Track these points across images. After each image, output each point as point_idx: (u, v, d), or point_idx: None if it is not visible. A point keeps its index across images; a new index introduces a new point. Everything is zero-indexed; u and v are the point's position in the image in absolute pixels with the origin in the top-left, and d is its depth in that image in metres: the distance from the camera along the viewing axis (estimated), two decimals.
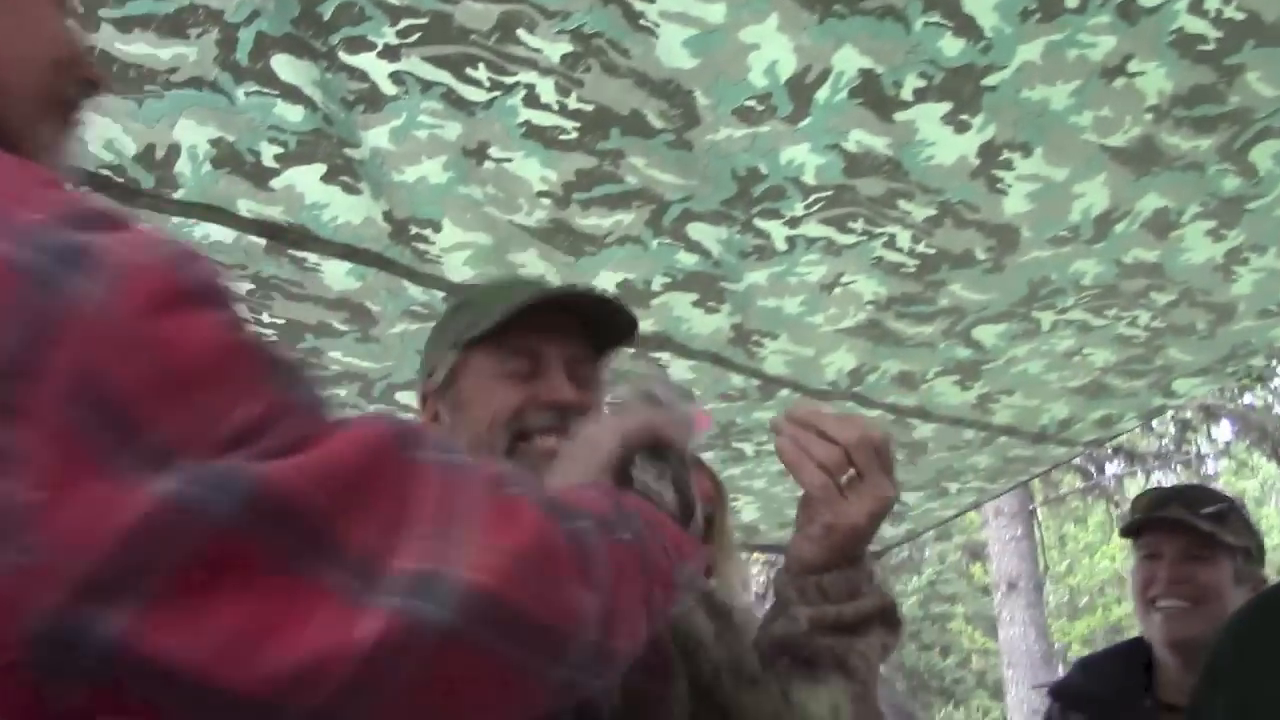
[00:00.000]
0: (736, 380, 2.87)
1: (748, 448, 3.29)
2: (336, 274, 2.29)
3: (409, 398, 2.81)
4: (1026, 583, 10.56)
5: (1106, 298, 2.66)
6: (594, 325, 1.45)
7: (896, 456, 3.27)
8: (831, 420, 1.21)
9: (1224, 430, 14.61)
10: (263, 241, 2.16)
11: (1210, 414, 13.77)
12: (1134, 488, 18.69)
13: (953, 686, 24.11)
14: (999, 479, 3.75)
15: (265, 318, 2.41)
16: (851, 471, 1.20)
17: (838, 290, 2.50)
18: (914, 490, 3.74)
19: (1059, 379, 3.04)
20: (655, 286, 2.44)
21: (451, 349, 1.48)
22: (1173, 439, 14.38)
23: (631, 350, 2.68)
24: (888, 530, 4.15)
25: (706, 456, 3.24)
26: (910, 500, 3.84)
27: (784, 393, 2.95)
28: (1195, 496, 2.25)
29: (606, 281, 2.39)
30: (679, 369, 2.78)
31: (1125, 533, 2.31)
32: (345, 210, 2.11)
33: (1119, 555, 21.33)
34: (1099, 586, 21.55)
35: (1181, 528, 2.15)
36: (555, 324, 1.42)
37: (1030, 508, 10.67)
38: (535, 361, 1.40)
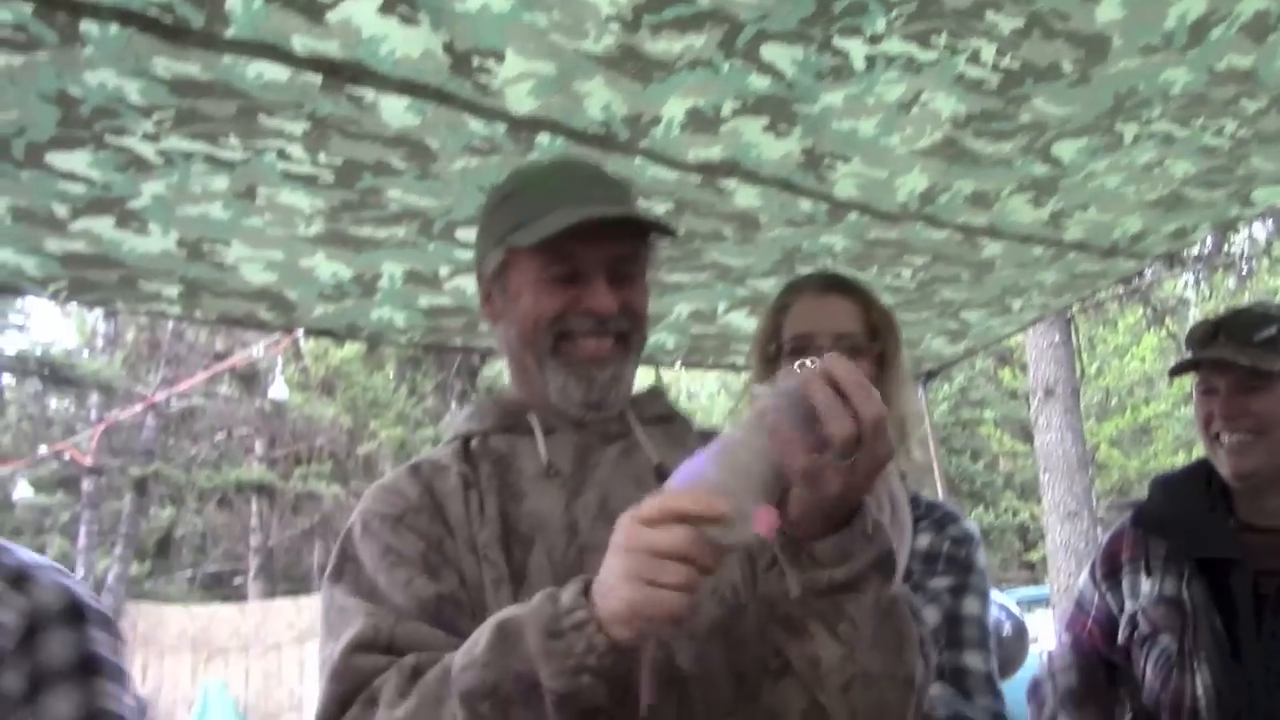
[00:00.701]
0: (804, 205, 2.78)
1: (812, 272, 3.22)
2: (395, 110, 2.19)
3: (468, 235, 2.74)
4: (1063, 388, 10.56)
5: (1193, 107, 2.53)
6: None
7: (961, 276, 3.24)
8: (859, 391, 1.13)
9: (1261, 230, 14.34)
10: (318, 79, 2.07)
11: None
12: (1171, 289, 18.63)
13: (982, 489, 24.63)
14: (1064, 294, 3.68)
15: (322, 158, 2.33)
16: (854, 456, 1.14)
17: (915, 109, 2.39)
18: (977, 308, 3.68)
19: (1136, 192, 2.93)
20: (725, 112, 2.33)
21: (497, 246, 1.49)
22: (1213, 240, 14.16)
23: (697, 179, 2.60)
24: (946, 349, 4.11)
25: (768, 283, 3.19)
26: (972, 319, 3.78)
27: (852, 216, 2.86)
28: (1244, 324, 2.15)
29: (674, 109, 2.29)
30: (745, 196, 2.69)
31: (1178, 371, 2.24)
32: (403, 43, 2.00)
33: (1149, 356, 21.47)
34: (1128, 388, 21.73)
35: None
36: (597, 226, 1.41)
37: (1067, 314, 10.57)
38: (576, 266, 1.44)
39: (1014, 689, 2.38)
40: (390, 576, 1.33)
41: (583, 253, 1.43)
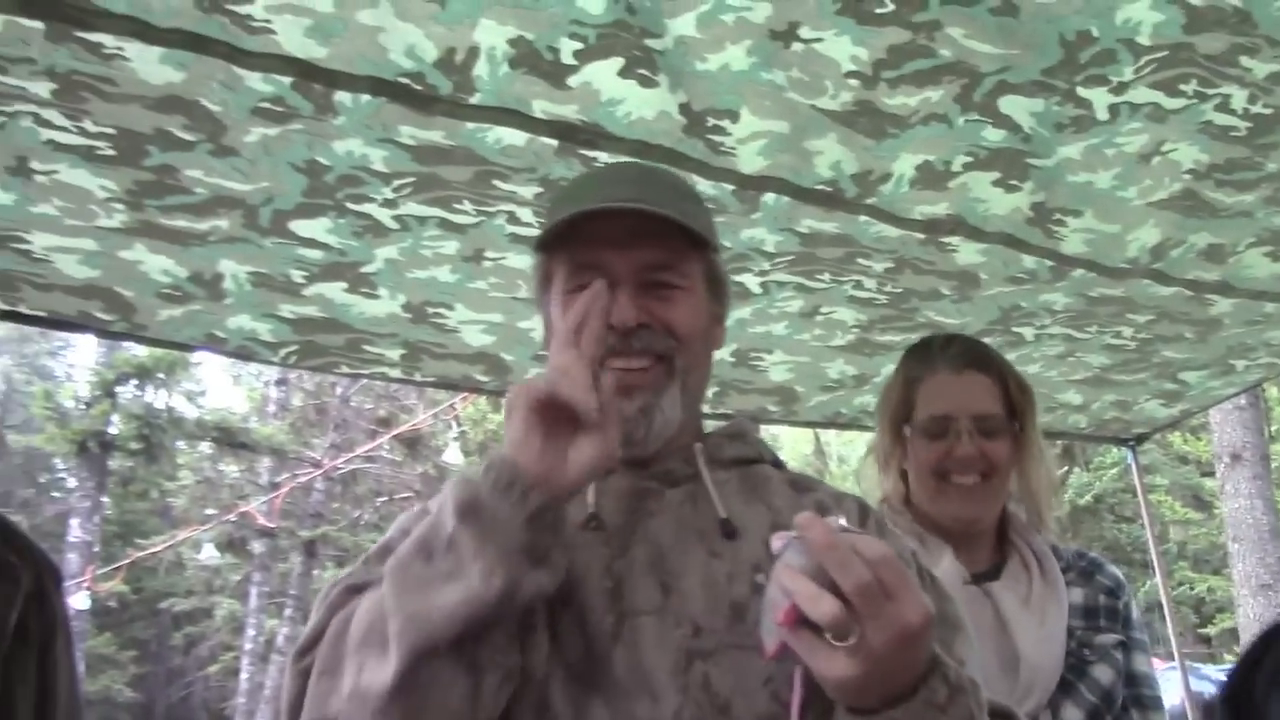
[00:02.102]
0: (1028, 262, 2.70)
1: (1028, 332, 3.13)
2: None
3: None
4: (1252, 454, 10.10)
5: None
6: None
7: (1185, 335, 3.09)
8: (837, 562, 0.97)
9: None
10: (554, 143, 2.09)
11: None
12: None
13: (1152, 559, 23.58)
14: None
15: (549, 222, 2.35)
16: (853, 635, 0.98)
17: (1156, 160, 2.30)
18: (1197, 369, 3.52)
19: None
20: (955, 167, 2.28)
21: (537, 251, 1.39)
22: None
23: (920, 237, 2.54)
24: (1160, 412, 3.93)
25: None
26: (1191, 380, 3.61)
27: (1077, 272, 2.76)
28: None
29: (905, 165, 2.25)
30: (968, 253, 2.63)
31: None
32: (640, 105, 2.01)
33: None
34: None
35: None
36: (624, 229, 1.28)
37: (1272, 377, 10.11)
38: (603, 274, 1.28)
39: None
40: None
41: (608, 258, 1.30)
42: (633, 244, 1.30)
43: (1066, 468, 21.76)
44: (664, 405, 1.33)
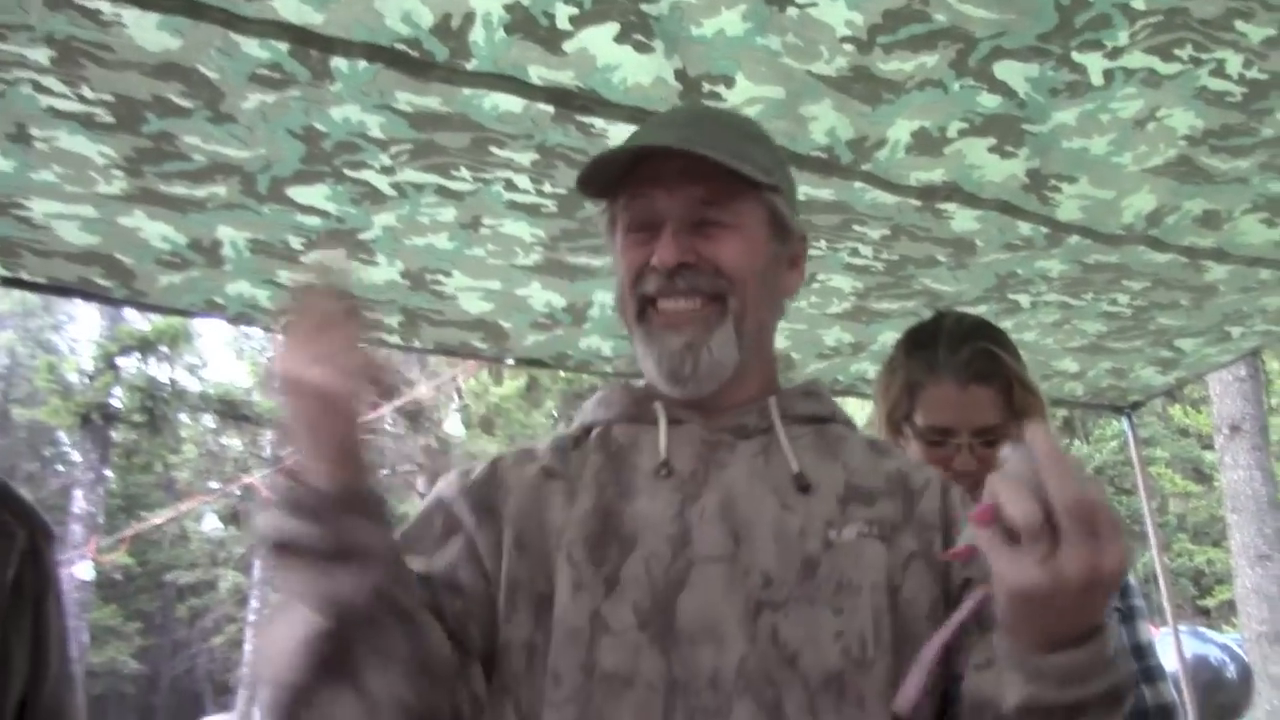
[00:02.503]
0: (1024, 228, 2.70)
1: (1024, 299, 3.14)
2: (621, 138, 2.16)
3: None
4: (1251, 425, 10.10)
5: None
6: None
7: (1180, 302, 3.10)
8: (1054, 472, 0.93)
9: None
10: (551, 109, 2.10)
11: None
12: None
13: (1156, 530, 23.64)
14: None
15: (547, 188, 2.36)
16: (1043, 544, 0.93)
17: (1151, 125, 2.30)
18: (1192, 336, 3.52)
19: None
20: (950, 133, 2.29)
21: (599, 198, 1.38)
22: None
23: (916, 203, 2.55)
24: (1156, 379, 3.94)
25: (980, 310, 3.11)
26: (1186, 347, 3.62)
27: (1073, 239, 2.77)
28: None
29: (901, 130, 2.26)
30: (964, 219, 2.63)
31: None
32: (635, 71, 2.02)
33: None
34: None
35: None
36: (672, 168, 1.27)
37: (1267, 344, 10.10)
38: (651, 214, 1.29)
39: None
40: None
41: (656, 196, 1.29)
42: (679, 183, 1.28)
43: (1067, 440, 21.78)
44: (713, 345, 1.30)
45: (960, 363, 2.00)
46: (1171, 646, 3.84)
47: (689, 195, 1.28)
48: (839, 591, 1.18)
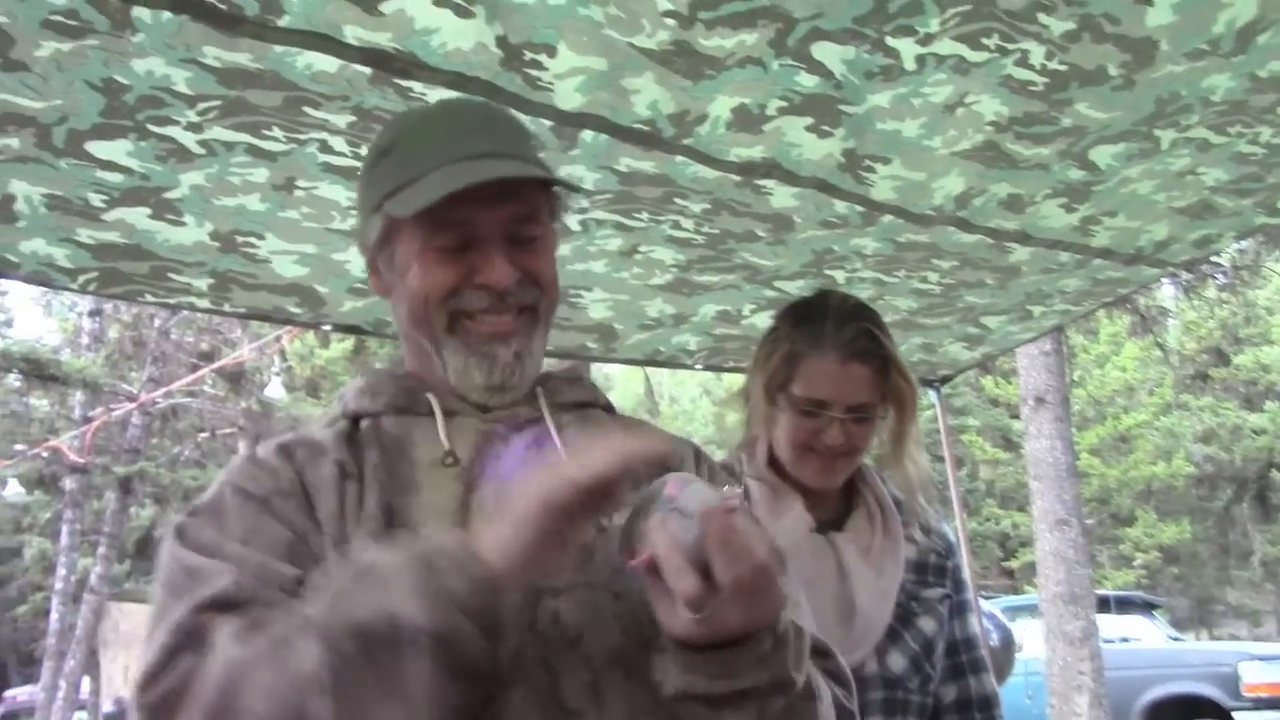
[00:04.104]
0: (840, 207, 2.77)
1: (839, 275, 3.22)
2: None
3: None
4: (1054, 397, 10.60)
5: (1232, 114, 2.53)
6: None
7: (986, 281, 3.23)
8: (724, 554, 0.99)
9: (1249, 241, 14.44)
10: (368, 71, 2.05)
11: None
12: (1161, 297, 18.74)
13: (965, 496, 24.71)
14: (1084, 301, 3.68)
15: (364, 151, 2.30)
16: (705, 611, 1.00)
17: (960, 111, 2.38)
18: (997, 314, 3.68)
19: (1167, 199, 2.93)
20: (770, 111, 2.32)
21: (375, 212, 1.34)
22: None
23: (736, 179, 2.58)
24: (963, 355, 4.11)
25: (795, 285, 3.18)
26: (991, 324, 3.78)
27: (886, 218, 2.85)
28: None
29: (721, 106, 2.28)
30: (782, 196, 2.68)
31: None
32: (455, 35, 1.98)
33: (1130, 365, 21.63)
34: (1109, 397, 21.87)
35: None
36: (490, 185, 1.25)
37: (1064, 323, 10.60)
38: (468, 233, 1.29)
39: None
40: (250, 553, 1.16)
41: (473, 217, 1.28)
42: (499, 201, 1.27)
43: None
44: (534, 350, 1.35)
45: (844, 339, 2.06)
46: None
47: (508, 213, 1.29)
48: (615, 575, 1.19)
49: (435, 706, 1.01)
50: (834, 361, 2.04)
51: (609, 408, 1.50)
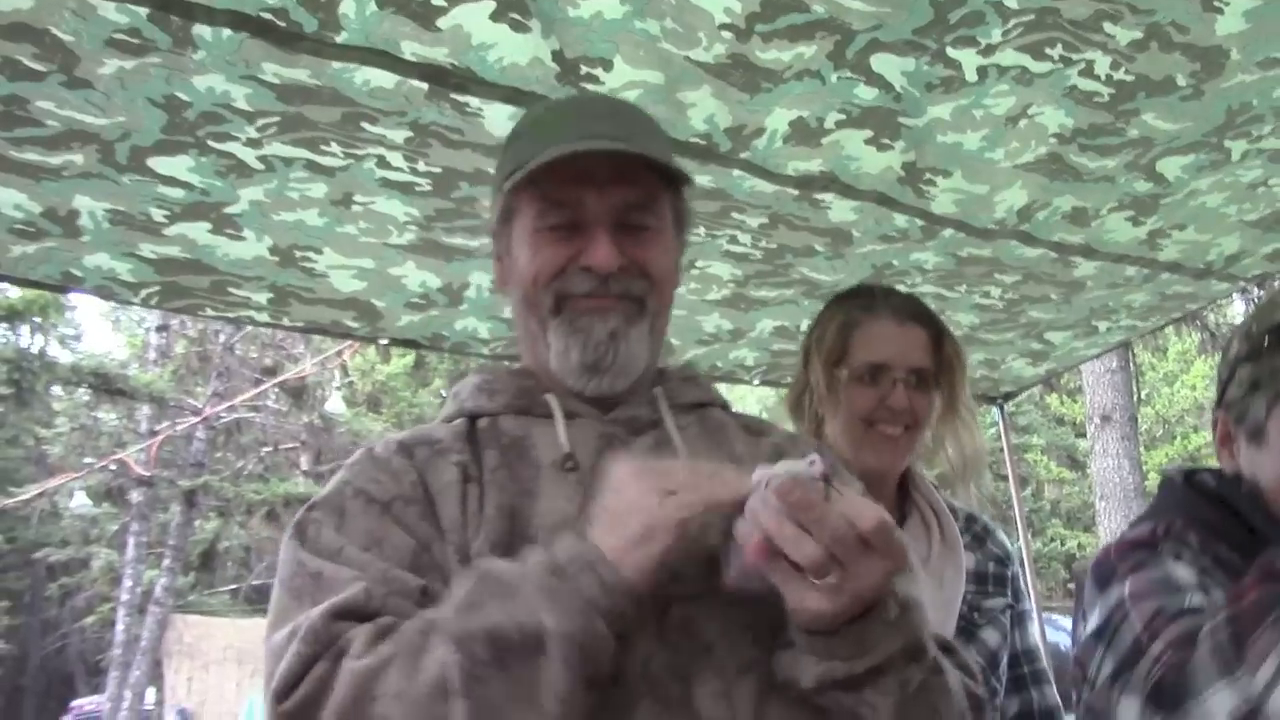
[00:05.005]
0: (899, 221, 2.74)
1: (900, 290, 3.18)
2: (498, 119, 2.17)
3: None
4: (1121, 415, 10.45)
5: None
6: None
7: (1050, 296, 3.17)
8: (814, 511, 0.98)
9: None
10: (424, 86, 2.05)
11: None
12: (1231, 314, 18.38)
13: (1029, 516, 24.36)
14: (1152, 316, 3.61)
15: (421, 166, 2.31)
16: (833, 575, 0.99)
17: (1023, 123, 2.34)
18: (1063, 329, 3.62)
19: (1238, 211, 2.86)
20: (828, 124, 2.30)
21: (497, 193, 1.35)
22: None
23: (794, 193, 2.56)
24: (1027, 371, 4.04)
25: None
26: (1056, 340, 3.71)
27: (947, 232, 2.81)
28: None
29: (779, 120, 2.26)
30: (841, 210, 2.65)
31: None
32: (512, 50, 1.98)
33: (1200, 384, 21.25)
34: (1178, 416, 21.48)
35: None
36: (603, 166, 1.25)
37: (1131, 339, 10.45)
38: (577, 213, 1.27)
39: None
40: (374, 560, 1.15)
41: (583, 198, 1.27)
42: (611, 183, 1.26)
43: None
44: (632, 339, 1.31)
45: (897, 303, 2.08)
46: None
47: (621, 196, 1.27)
48: (744, 581, 1.15)
49: (569, 712, 1.00)
50: (891, 323, 2.04)
51: (726, 407, 1.46)
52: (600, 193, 1.26)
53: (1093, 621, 1.38)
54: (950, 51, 2.09)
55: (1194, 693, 1.16)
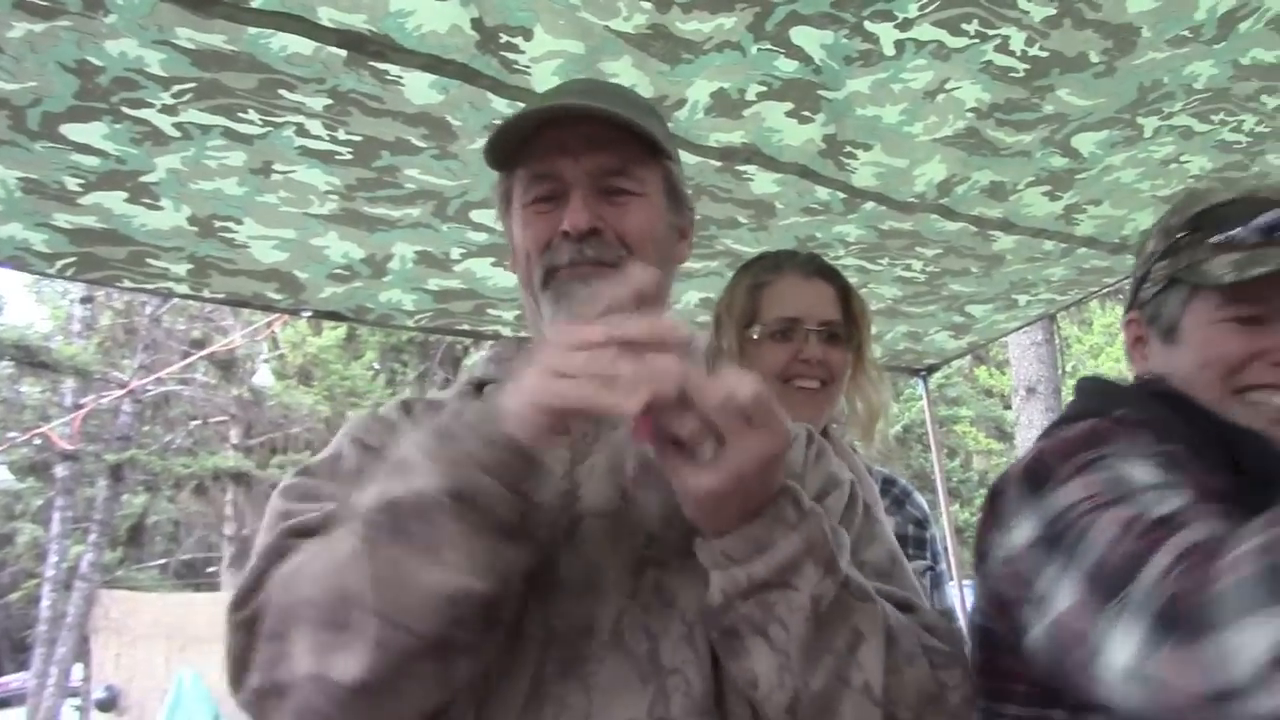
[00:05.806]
0: (821, 193, 2.76)
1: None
2: (418, 87, 2.16)
3: (483, 216, 2.71)
4: (1045, 387, 10.60)
5: (1215, 101, 2.53)
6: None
7: (970, 269, 3.22)
8: (692, 381, 0.97)
9: None
10: (343, 53, 2.03)
11: None
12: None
13: (958, 487, 24.76)
14: (1070, 290, 3.68)
15: (341, 134, 2.29)
16: (709, 444, 0.99)
17: (941, 97, 2.37)
18: (983, 303, 3.68)
19: (1151, 188, 2.92)
20: (749, 96, 2.31)
21: (497, 170, 1.36)
22: None
23: (717, 164, 2.57)
24: (949, 343, 4.10)
25: None
26: (977, 313, 3.77)
27: (869, 205, 2.84)
28: None
29: (700, 91, 2.27)
30: (764, 182, 2.67)
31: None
32: (431, 17, 1.97)
33: (1123, 357, 21.61)
34: None
35: None
36: (578, 136, 1.25)
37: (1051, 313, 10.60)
38: (558, 184, 1.27)
39: None
40: (345, 490, 1.16)
41: (562, 166, 1.26)
42: (586, 150, 1.26)
43: None
44: None
45: (802, 260, 2.11)
46: (956, 599, 4.01)
47: (596, 162, 1.26)
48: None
49: (479, 565, 1.01)
50: (799, 278, 2.07)
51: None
52: (575, 159, 1.26)
53: (1027, 530, 1.26)
54: (868, 25, 2.11)
55: (1226, 620, 0.99)
